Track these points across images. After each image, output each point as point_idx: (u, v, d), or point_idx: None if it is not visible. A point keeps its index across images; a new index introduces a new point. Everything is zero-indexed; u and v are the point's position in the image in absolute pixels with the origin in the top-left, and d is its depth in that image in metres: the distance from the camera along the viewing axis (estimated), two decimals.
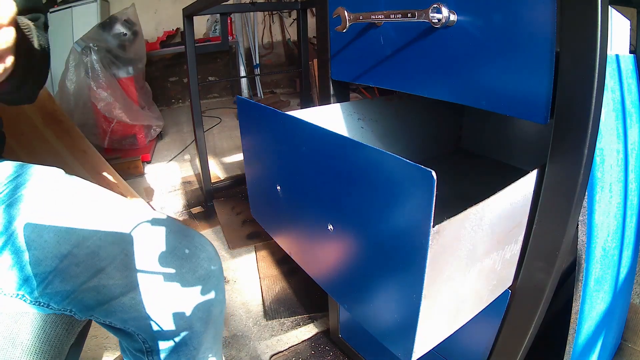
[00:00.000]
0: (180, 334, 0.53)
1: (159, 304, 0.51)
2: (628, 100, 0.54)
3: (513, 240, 0.45)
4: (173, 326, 0.52)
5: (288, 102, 3.26)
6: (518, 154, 0.81)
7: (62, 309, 0.50)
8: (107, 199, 0.57)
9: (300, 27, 1.72)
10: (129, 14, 2.22)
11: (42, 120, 1.27)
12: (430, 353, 0.40)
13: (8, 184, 0.52)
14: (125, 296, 0.50)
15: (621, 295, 0.67)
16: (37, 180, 0.54)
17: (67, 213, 0.52)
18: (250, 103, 0.52)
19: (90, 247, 0.50)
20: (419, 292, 0.32)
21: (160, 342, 0.53)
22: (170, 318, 0.52)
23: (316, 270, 0.48)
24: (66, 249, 0.49)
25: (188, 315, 0.53)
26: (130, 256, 0.51)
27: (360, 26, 0.56)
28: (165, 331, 0.52)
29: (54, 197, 0.53)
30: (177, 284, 0.52)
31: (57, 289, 0.49)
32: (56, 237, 0.49)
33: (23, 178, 0.54)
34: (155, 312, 0.51)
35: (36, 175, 0.54)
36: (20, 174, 0.54)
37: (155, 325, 0.52)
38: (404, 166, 0.30)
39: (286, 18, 3.65)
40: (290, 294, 1.14)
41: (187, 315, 0.53)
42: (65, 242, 0.49)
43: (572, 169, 0.39)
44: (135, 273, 0.51)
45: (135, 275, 0.51)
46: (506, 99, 0.41)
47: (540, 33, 0.36)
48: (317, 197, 0.43)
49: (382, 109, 0.74)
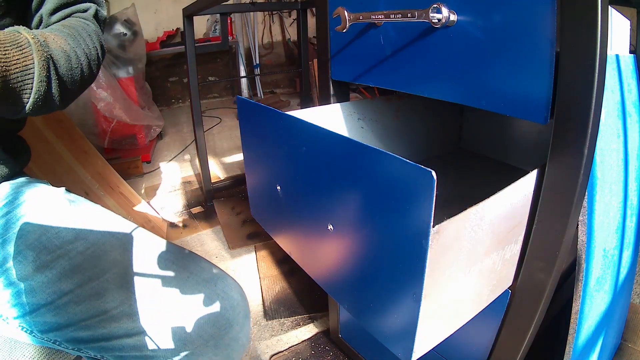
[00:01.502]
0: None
1: (167, 343, 0.46)
2: (628, 100, 0.54)
3: (513, 240, 0.45)
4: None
5: (288, 102, 3.26)
6: (518, 154, 0.81)
7: (46, 338, 0.46)
8: (118, 230, 0.51)
9: (300, 27, 1.72)
10: (129, 14, 2.21)
11: (42, 121, 1.27)
12: (430, 353, 0.40)
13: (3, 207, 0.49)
14: (130, 338, 0.46)
15: (621, 295, 0.67)
16: (37, 208, 0.49)
17: (72, 245, 0.47)
18: (251, 103, 0.52)
19: (95, 289, 0.46)
20: (419, 292, 0.32)
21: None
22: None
23: (316, 270, 0.48)
24: (68, 287, 0.45)
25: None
26: (138, 302, 0.46)
27: (360, 26, 0.56)
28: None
29: (55, 228, 0.48)
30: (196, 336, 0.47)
31: (47, 320, 0.45)
32: (58, 274, 0.46)
33: (21, 203, 0.49)
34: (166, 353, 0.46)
35: (36, 202, 0.50)
36: (17, 198, 0.49)
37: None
38: (404, 166, 0.30)
39: (286, 18, 3.65)
40: (290, 294, 1.14)
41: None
42: (68, 280, 0.45)
43: (572, 169, 0.39)
44: (144, 318, 0.46)
45: (144, 321, 0.46)
46: (506, 99, 0.41)
47: (540, 33, 0.36)
48: (317, 197, 0.43)
49: (382, 109, 0.74)
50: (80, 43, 0.48)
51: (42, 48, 0.40)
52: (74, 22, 0.52)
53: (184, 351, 0.47)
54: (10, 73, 0.36)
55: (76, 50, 0.47)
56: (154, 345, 0.46)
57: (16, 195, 0.50)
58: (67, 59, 0.44)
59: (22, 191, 0.51)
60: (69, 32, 0.48)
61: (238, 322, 0.51)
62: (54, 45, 0.43)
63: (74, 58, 0.46)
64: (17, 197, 0.50)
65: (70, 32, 0.48)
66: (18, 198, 0.50)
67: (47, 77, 0.41)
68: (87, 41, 0.50)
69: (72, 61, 0.45)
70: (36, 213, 0.49)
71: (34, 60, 0.39)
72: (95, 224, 0.51)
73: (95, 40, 0.52)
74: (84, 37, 0.50)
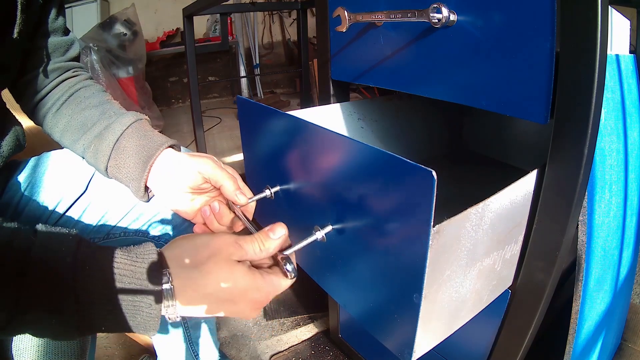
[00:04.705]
0: None
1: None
2: (628, 100, 0.54)
3: (513, 240, 0.45)
4: None
5: (288, 102, 3.26)
6: (518, 154, 0.81)
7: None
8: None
9: (300, 27, 1.72)
10: (129, 14, 2.22)
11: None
12: (430, 353, 0.40)
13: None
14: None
15: (621, 295, 0.67)
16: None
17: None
18: (251, 103, 0.52)
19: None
20: (419, 292, 0.32)
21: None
22: None
23: (316, 270, 0.48)
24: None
25: None
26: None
27: (360, 26, 0.56)
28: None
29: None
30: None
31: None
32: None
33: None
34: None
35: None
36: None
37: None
38: (404, 166, 0.30)
39: (286, 18, 3.64)
40: (290, 294, 1.14)
41: None
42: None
43: (572, 169, 0.39)
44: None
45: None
46: (506, 99, 0.41)
47: (540, 33, 0.36)
48: (316, 197, 0.43)
49: (382, 109, 0.74)
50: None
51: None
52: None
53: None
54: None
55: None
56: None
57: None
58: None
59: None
60: None
61: None
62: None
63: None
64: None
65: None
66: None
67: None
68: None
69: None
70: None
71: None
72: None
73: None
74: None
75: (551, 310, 0.49)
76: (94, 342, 0.58)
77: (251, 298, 0.36)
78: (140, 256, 0.34)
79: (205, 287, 0.34)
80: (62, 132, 0.54)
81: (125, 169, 0.50)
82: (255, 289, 0.36)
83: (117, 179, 0.52)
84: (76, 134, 0.53)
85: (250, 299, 0.36)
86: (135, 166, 0.50)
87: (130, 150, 0.50)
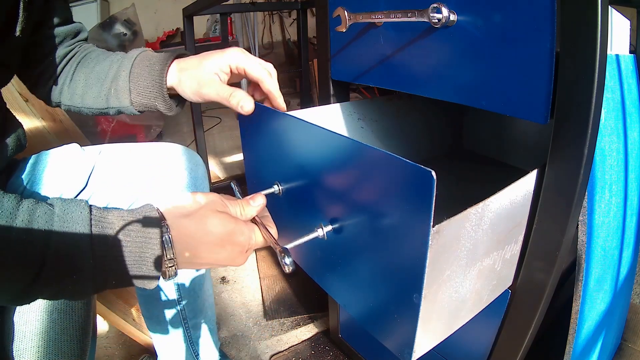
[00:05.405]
0: None
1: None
2: (628, 100, 0.54)
3: (513, 240, 0.45)
4: None
5: (288, 102, 3.24)
6: (518, 154, 0.81)
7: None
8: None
9: (300, 27, 1.72)
10: (129, 14, 2.22)
11: (41, 120, 1.27)
12: (430, 353, 0.40)
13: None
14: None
15: (621, 295, 0.67)
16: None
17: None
18: None
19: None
20: (419, 292, 0.32)
21: None
22: None
23: (316, 270, 0.48)
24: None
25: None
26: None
27: (360, 26, 0.56)
28: None
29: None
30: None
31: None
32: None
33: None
34: None
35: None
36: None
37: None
38: (404, 166, 0.30)
39: (286, 18, 3.65)
40: (290, 294, 1.14)
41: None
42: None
43: (572, 169, 0.39)
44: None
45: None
46: (506, 99, 0.41)
47: (540, 33, 0.36)
48: (316, 197, 0.43)
49: (382, 109, 0.74)
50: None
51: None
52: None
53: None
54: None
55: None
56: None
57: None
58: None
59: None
60: None
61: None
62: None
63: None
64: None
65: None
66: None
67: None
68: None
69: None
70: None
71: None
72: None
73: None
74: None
75: (551, 310, 0.49)
76: (94, 342, 0.58)
77: (236, 240, 0.41)
78: (142, 213, 0.39)
79: (197, 232, 0.40)
80: (82, 95, 0.56)
81: (145, 90, 0.53)
82: (240, 232, 0.42)
83: (145, 106, 0.55)
84: (95, 89, 0.55)
85: (235, 241, 0.41)
86: (152, 84, 0.52)
87: (144, 72, 0.53)
